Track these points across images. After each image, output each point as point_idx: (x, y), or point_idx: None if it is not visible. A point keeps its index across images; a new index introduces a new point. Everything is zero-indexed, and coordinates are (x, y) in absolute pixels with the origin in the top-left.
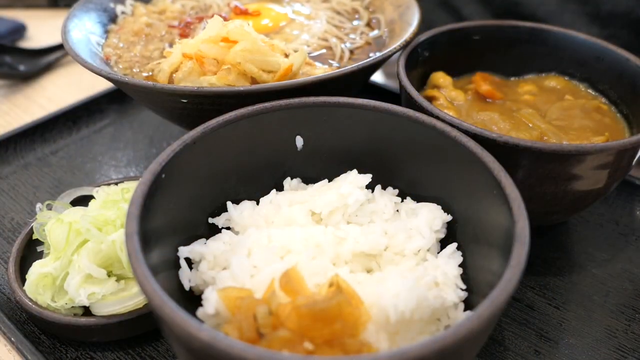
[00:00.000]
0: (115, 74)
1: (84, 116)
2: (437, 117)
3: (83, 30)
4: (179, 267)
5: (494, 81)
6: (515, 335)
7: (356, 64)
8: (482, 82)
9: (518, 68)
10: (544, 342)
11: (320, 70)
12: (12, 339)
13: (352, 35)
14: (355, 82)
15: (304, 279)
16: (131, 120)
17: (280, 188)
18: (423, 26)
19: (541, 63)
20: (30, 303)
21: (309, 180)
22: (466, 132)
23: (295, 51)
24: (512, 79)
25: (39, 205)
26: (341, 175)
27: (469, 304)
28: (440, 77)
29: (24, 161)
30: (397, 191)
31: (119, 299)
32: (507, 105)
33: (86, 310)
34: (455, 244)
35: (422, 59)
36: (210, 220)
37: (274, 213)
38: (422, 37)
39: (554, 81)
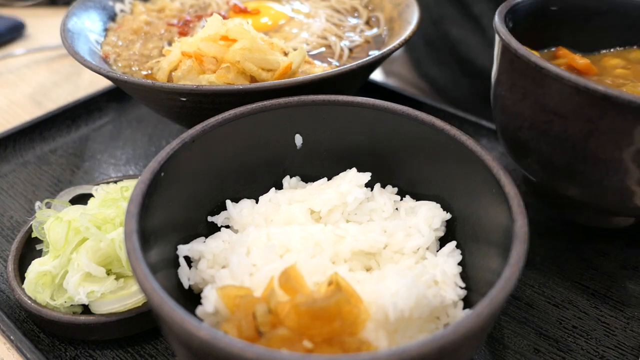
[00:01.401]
0: (114, 72)
1: (83, 114)
2: (581, 85)
3: (82, 29)
4: (178, 265)
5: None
6: (514, 333)
7: (355, 63)
8: (575, 56)
9: (594, 43)
10: (544, 340)
11: (320, 69)
12: (11, 337)
13: (351, 34)
14: (354, 80)
15: (303, 278)
16: (130, 119)
17: (279, 187)
18: (431, 20)
19: (619, 37)
20: (29, 301)
21: (308, 178)
22: (629, 102)
23: (295, 50)
24: (592, 54)
25: (38, 203)
26: (340, 174)
27: (468, 302)
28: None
29: (23, 159)
30: (396, 189)
31: (118, 297)
32: (604, 81)
33: (85, 309)
34: (454, 243)
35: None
36: (210, 218)
37: (273, 212)
38: (508, 5)
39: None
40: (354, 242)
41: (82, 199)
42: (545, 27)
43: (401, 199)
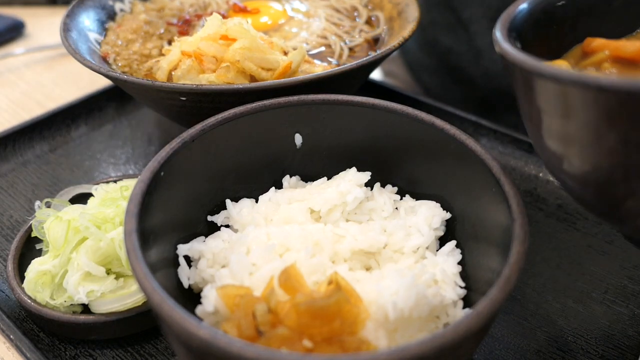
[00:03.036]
0: (114, 71)
1: (83, 114)
2: None
3: (82, 28)
4: (178, 264)
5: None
6: (514, 332)
7: (355, 62)
8: (617, 43)
9: (627, 24)
10: (544, 340)
11: (320, 68)
12: (11, 336)
13: (351, 33)
14: (354, 79)
15: (303, 277)
16: (130, 118)
17: (279, 186)
18: (421, 26)
19: None
20: (29, 301)
21: (308, 178)
22: None
23: (294, 49)
24: (631, 35)
25: (37, 202)
26: (340, 173)
27: (468, 302)
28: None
29: (23, 159)
30: (396, 189)
31: (118, 296)
32: None
33: (85, 308)
34: (454, 242)
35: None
36: (209, 218)
37: (273, 211)
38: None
39: None
40: (354, 241)
41: (81, 199)
42: (559, 29)
43: (401, 199)
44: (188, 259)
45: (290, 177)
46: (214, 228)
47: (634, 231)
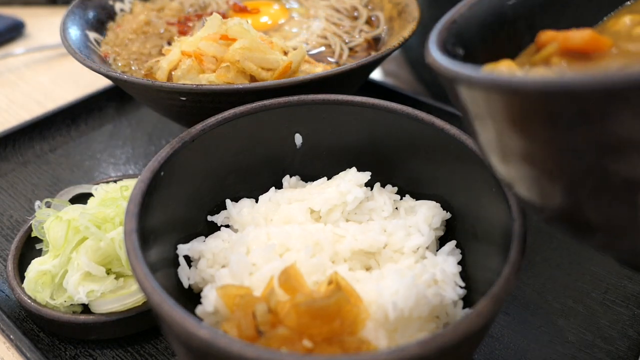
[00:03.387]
0: (114, 71)
1: (83, 114)
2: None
3: (81, 28)
4: (178, 264)
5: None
6: (514, 332)
7: (355, 62)
8: (566, 33)
9: (587, 18)
10: (544, 340)
11: (320, 68)
12: (11, 336)
13: (351, 33)
14: (354, 79)
15: (303, 277)
16: (130, 118)
17: (279, 186)
18: (423, 23)
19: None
20: (29, 300)
21: (308, 178)
22: None
23: (294, 49)
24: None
25: (37, 202)
26: (340, 173)
27: (468, 302)
28: (501, 67)
29: (23, 159)
30: (396, 189)
31: (118, 296)
32: (626, 48)
33: (85, 308)
34: (454, 242)
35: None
36: (209, 218)
37: (273, 211)
38: (444, 27)
39: None
40: (354, 241)
41: (81, 199)
42: (514, 29)
43: (401, 198)
44: (188, 259)
45: (290, 177)
46: (214, 228)
47: (597, 247)
